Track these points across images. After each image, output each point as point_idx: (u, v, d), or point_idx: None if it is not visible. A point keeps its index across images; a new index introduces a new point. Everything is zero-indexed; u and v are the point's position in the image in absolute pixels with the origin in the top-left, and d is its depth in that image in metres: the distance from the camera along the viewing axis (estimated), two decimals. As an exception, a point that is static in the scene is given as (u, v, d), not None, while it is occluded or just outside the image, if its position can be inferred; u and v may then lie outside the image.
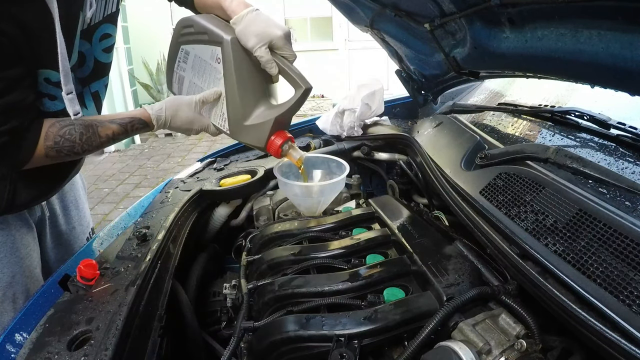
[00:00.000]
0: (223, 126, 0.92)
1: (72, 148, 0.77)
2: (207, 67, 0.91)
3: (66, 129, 0.77)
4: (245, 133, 0.89)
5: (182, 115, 0.88)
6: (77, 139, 0.77)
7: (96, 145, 0.81)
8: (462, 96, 1.53)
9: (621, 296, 0.49)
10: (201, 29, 0.89)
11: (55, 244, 1.07)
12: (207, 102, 0.90)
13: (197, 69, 0.94)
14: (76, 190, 1.14)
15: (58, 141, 0.76)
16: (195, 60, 0.93)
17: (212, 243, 1.13)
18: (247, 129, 0.89)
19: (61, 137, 0.76)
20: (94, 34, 0.87)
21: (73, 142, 0.77)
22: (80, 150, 0.79)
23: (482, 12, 0.87)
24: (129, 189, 4.26)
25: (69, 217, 1.10)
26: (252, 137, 0.89)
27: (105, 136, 0.81)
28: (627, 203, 0.61)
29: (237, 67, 0.85)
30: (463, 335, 0.56)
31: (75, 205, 1.13)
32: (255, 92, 0.89)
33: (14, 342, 0.62)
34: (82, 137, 0.78)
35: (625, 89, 0.71)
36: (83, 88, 0.90)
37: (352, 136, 1.43)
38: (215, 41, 0.86)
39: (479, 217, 0.76)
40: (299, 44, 7.73)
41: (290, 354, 0.61)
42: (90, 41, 0.88)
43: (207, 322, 0.89)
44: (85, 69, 0.89)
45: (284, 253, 0.81)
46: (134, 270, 0.75)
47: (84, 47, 0.86)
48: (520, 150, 0.81)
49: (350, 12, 1.32)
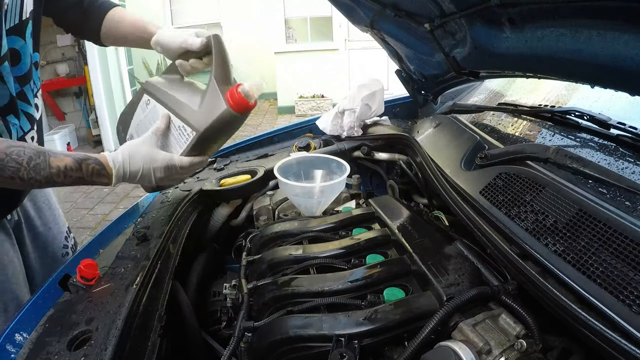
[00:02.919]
0: (187, 136, 0.87)
1: (17, 171, 0.70)
2: (146, 122, 0.97)
3: (14, 149, 0.71)
4: (205, 114, 0.84)
5: (140, 153, 0.82)
6: (24, 162, 0.70)
7: (44, 176, 0.73)
8: (462, 96, 1.53)
9: (621, 296, 0.49)
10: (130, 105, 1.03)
11: (34, 247, 1.05)
12: (160, 131, 0.87)
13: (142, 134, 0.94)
14: (45, 190, 1.12)
15: (2, 159, 0.69)
16: (137, 130, 1.00)
17: (212, 243, 1.13)
18: (203, 110, 0.85)
19: (7, 156, 0.69)
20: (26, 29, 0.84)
21: (19, 165, 0.70)
22: (25, 175, 0.71)
23: (482, 12, 0.87)
24: (129, 189, 4.26)
25: (43, 218, 1.09)
26: (212, 110, 0.83)
27: (56, 167, 0.74)
28: (627, 203, 0.61)
29: (166, 85, 0.93)
30: (463, 335, 0.56)
31: (47, 205, 1.11)
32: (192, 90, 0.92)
33: (14, 342, 0.62)
34: (30, 161, 0.71)
35: (625, 89, 0.71)
36: (23, 87, 0.86)
37: (352, 136, 1.43)
38: (140, 95, 0.98)
39: (479, 217, 0.76)
40: (299, 44, 7.74)
41: (290, 354, 0.61)
42: (24, 37, 0.83)
43: (207, 322, 0.89)
44: (22, 66, 0.85)
45: (284, 253, 0.81)
46: (134, 270, 0.75)
47: (17, 43, 0.82)
48: (520, 150, 0.81)
49: (350, 12, 1.32)
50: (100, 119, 5.44)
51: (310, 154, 1.23)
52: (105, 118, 5.41)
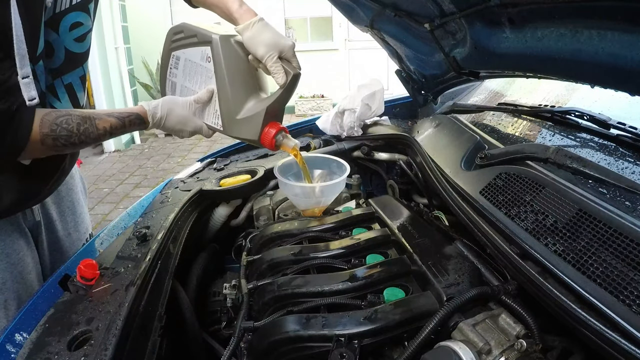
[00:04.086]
0: (216, 124, 0.93)
1: (69, 137, 0.76)
2: (197, 69, 0.94)
3: (63, 118, 0.75)
4: (238, 127, 0.90)
5: (176, 114, 0.89)
6: (74, 128, 0.76)
7: (94, 138, 0.79)
8: (462, 96, 1.53)
9: (621, 296, 0.49)
10: (191, 33, 0.93)
11: (50, 250, 1.04)
12: (201, 102, 0.91)
13: (188, 72, 0.96)
14: (74, 194, 1.12)
15: (55, 129, 0.74)
16: (186, 64, 0.96)
17: (212, 243, 1.13)
18: (239, 123, 0.89)
19: (58, 126, 0.74)
20: (60, 22, 0.84)
21: (70, 132, 0.76)
22: (77, 140, 0.77)
23: (482, 12, 0.87)
24: (129, 189, 4.26)
25: (65, 223, 1.08)
26: (245, 130, 0.89)
27: (102, 129, 0.80)
28: (627, 203, 0.61)
29: (227, 63, 0.88)
30: (463, 335, 0.56)
31: (72, 210, 1.10)
32: (246, 86, 0.91)
33: (14, 342, 0.62)
34: (79, 127, 0.77)
35: (625, 89, 0.71)
36: (54, 80, 0.87)
37: (352, 136, 1.43)
38: (205, 41, 0.90)
39: (479, 217, 0.76)
40: (299, 44, 7.72)
41: (290, 354, 0.61)
42: (57, 30, 0.84)
43: (207, 322, 0.89)
44: (55, 59, 0.86)
45: (284, 253, 0.81)
46: (134, 270, 0.75)
47: (51, 36, 0.83)
48: (520, 150, 0.81)
49: (350, 12, 1.32)
50: (100, 119, 5.43)
51: (310, 154, 1.23)
52: (105, 118, 5.40)
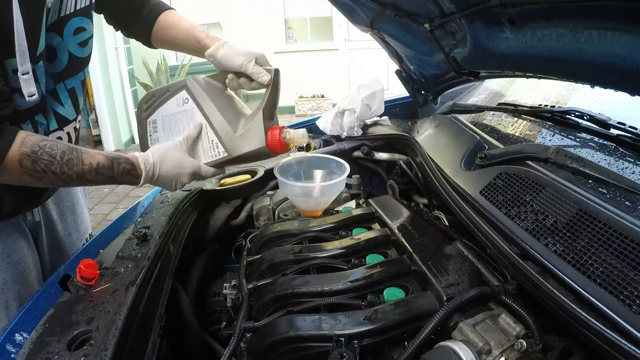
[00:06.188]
0: (217, 154, 0.90)
1: (50, 164, 0.70)
2: (177, 117, 0.95)
3: (48, 143, 0.71)
4: (242, 143, 0.88)
5: (170, 158, 0.84)
6: (57, 155, 0.70)
7: (77, 172, 0.73)
8: (462, 96, 1.53)
9: (621, 296, 0.49)
10: (163, 91, 0.97)
11: (50, 250, 1.04)
12: (191, 138, 0.89)
13: (168, 127, 0.96)
14: (74, 194, 1.11)
15: (36, 151, 0.68)
16: (164, 120, 0.97)
17: (212, 243, 1.13)
18: (241, 138, 0.88)
19: (40, 148, 0.69)
20: (65, 26, 0.83)
21: (52, 158, 0.70)
22: (58, 170, 0.71)
23: (482, 12, 0.87)
24: (129, 189, 4.26)
25: (65, 223, 1.08)
26: (250, 142, 0.87)
27: (88, 164, 0.74)
28: (627, 203, 0.61)
29: (208, 92, 0.91)
30: (463, 335, 0.56)
31: (71, 210, 1.10)
32: (233, 107, 0.93)
33: (14, 342, 0.62)
34: (63, 155, 0.71)
35: (625, 89, 0.71)
36: (56, 84, 0.86)
37: (352, 136, 1.43)
38: (179, 87, 0.94)
39: (479, 217, 0.76)
40: (299, 44, 7.74)
41: (290, 354, 0.61)
42: (62, 34, 0.83)
43: (207, 322, 0.89)
44: (58, 63, 0.85)
45: (284, 253, 0.81)
46: (134, 270, 0.75)
47: (55, 40, 0.82)
48: (520, 150, 0.81)
49: (350, 12, 1.32)
50: (100, 119, 5.44)
51: (310, 154, 1.23)
52: (105, 118, 5.41)
